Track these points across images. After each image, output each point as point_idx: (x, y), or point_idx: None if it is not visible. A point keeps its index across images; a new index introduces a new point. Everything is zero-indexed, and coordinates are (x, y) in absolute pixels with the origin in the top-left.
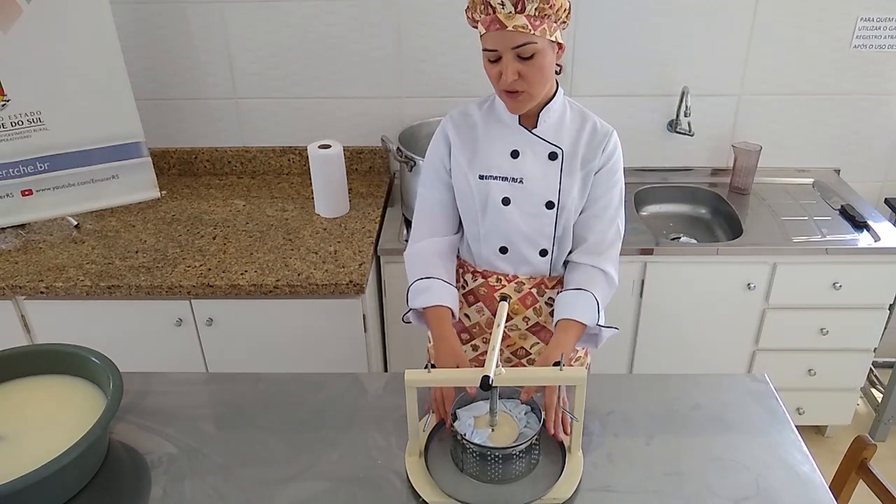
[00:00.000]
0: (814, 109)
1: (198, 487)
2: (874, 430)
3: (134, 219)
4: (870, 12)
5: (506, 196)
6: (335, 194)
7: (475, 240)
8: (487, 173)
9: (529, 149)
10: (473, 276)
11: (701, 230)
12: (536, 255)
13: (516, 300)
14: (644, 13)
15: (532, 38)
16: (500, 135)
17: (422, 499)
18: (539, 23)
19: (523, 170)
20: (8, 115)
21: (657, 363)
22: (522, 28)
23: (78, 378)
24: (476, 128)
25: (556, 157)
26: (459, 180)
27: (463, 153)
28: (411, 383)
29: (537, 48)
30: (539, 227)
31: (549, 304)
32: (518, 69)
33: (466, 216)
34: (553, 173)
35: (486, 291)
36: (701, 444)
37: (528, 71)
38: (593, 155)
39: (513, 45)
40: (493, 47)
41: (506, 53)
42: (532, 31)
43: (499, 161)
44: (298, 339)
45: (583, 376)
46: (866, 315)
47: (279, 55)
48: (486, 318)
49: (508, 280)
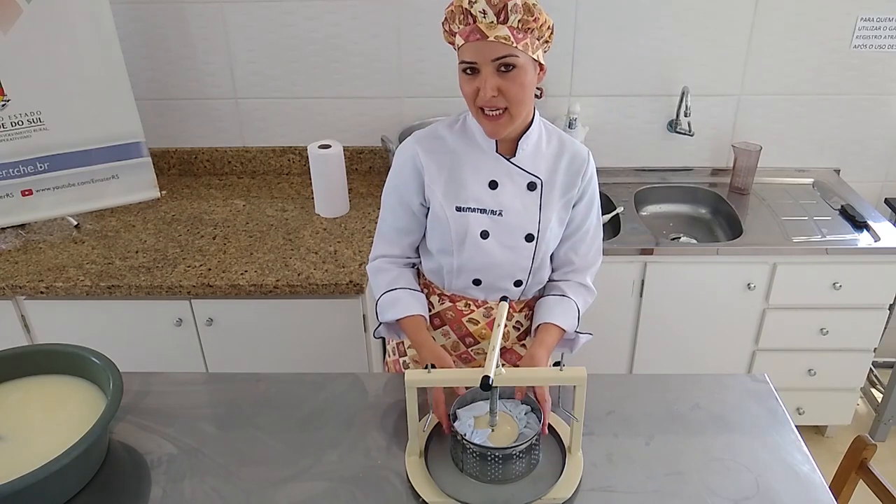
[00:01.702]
0: (814, 109)
1: (198, 487)
2: (874, 430)
3: (134, 219)
4: (870, 12)
5: (484, 229)
6: (335, 194)
7: (448, 270)
8: (465, 205)
9: (508, 179)
10: (440, 300)
11: (701, 230)
12: (511, 285)
13: (484, 324)
14: (644, 13)
15: (514, 50)
16: (478, 163)
17: (422, 499)
18: (522, 36)
19: (502, 201)
20: (8, 115)
21: (657, 363)
22: (504, 39)
23: (78, 378)
24: (450, 154)
25: (535, 188)
26: (434, 212)
27: (436, 182)
28: (411, 383)
29: (518, 62)
30: (517, 259)
31: (517, 328)
32: (498, 84)
33: (440, 248)
34: (532, 205)
35: (454, 315)
36: (701, 444)
37: (509, 87)
38: (573, 183)
39: (493, 56)
40: (472, 59)
41: (485, 66)
42: (514, 43)
43: (477, 192)
44: (298, 339)
45: (583, 376)
46: (866, 315)
47: (279, 55)
48: (452, 341)
49: (478, 305)
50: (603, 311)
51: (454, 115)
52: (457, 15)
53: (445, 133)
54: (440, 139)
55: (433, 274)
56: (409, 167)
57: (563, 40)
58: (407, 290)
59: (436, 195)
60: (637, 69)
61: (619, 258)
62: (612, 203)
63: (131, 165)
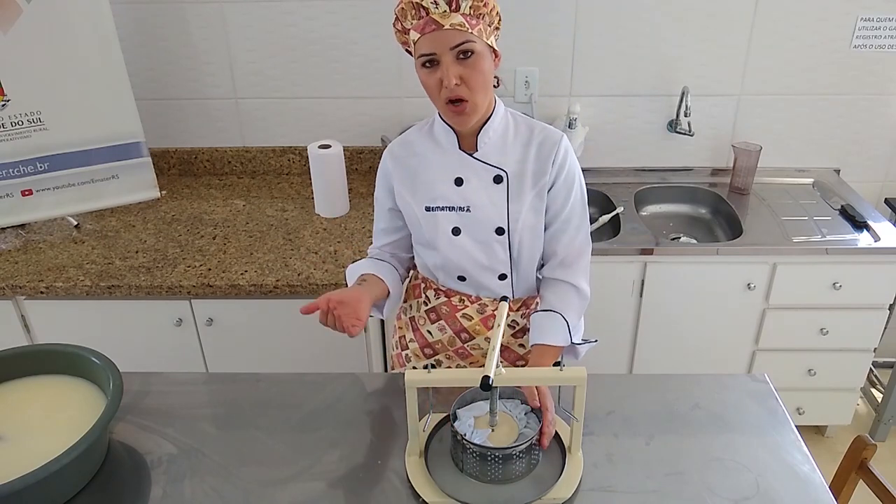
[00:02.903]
0: (814, 109)
1: (198, 487)
2: (874, 430)
3: (134, 219)
4: (870, 12)
5: (455, 226)
6: (335, 194)
7: (434, 266)
8: (433, 204)
9: (473, 175)
10: (436, 294)
11: (701, 230)
12: (495, 279)
13: (478, 320)
14: (644, 13)
15: (470, 36)
16: (442, 162)
17: (422, 499)
18: (475, 22)
19: (469, 197)
20: (8, 115)
21: (657, 363)
22: (460, 26)
23: (78, 378)
24: (416, 156)
25: (501, 181)
26: (408, 214)
27: (405, 186)
28: (411, 383)
29: (476, 48)
30: (492, 253)
31: (513, 327)
32: (459, 72)
33: (422, 247)
34: (500, 198)
35: (449, 310)
36: (701, 444)
37: (469, 74)
38: (543, 170)
39: (451, 44)
40: (431, 50)
41: (444, 55)
42: (469, 29)
43: (443, 190)
44: (298, 339)
45: (583, 376)
46: (866, 315)
47: (279, 55)
48: (449, 336)
49: (471, 301)
50: (603, 311)
51: (426, 119)
52: (408, 11)
53: (414, 137)
54: (409, 144)
55: (426, 270)
56: (381, 174)
57: (563, 40)
58: (370, 259)
59: (405, 198)
60: (637, 69)
61: (619, 258)
62: (612, 203)
63: (131, 165)
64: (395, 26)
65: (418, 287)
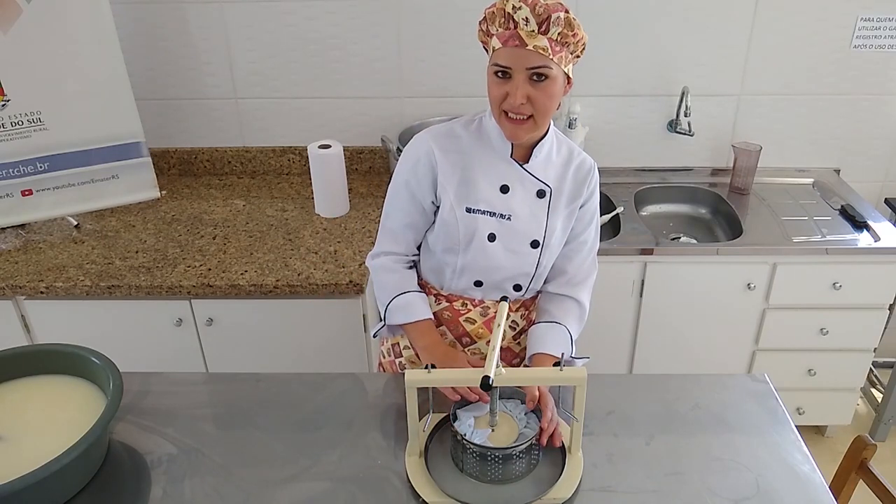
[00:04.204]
0: (814, 109)
1: (198, 487)
2: (874, 430)
3: (134, 219)
4: (870, 12)
5: (492, 232)
6: (335, 194)
7: (450, 269)
8: (476, 207)
9: (520, 184)
10: (437, 300)
11: (701, 230)
12: (510, 288)
13: (481, 323)
14: (644, 13)
15: (549, 62)
16: (491, 166)
17: (422, 499)
18: (559, 49)
19: (512, 206)
20: (8, 115)
21: (657, 363)
22: (542, 50)
23: (78, 378)
24: (464, 154)
25: (544, 195)
26: (444, 210)
27: (451, 181)
28: (411, 383)
29: (552, 73)
30: (521, 265)
31: (513, 328)
32: (528, 92)
33: (446, 247)
34: (541, 212)
35: (451, 315)
36: (701, 444)
37: (539, 96)
38: (579, 192)
39: (528, 65)
40: (508, 65)
41: (518, 74)
42: (551, 55)
43: (488, 195)
44: (298, 339)
45: (583, 376)
46: (866, 315)
47: (279, 55)
48: (449, 341)
49: (474, 304)
50: (603, 311)
51: (469, 114)
52: (497, 17)
53: (462, 132)
54: (456, 138)
55: (432, 273)
56: (423, 163)
57: None
58: (415, 293)
59: (447, 194)
60: (637, 69)
61: (619, 258)
62: (612, 203)
63: (131, 165)
64: (480, 26)
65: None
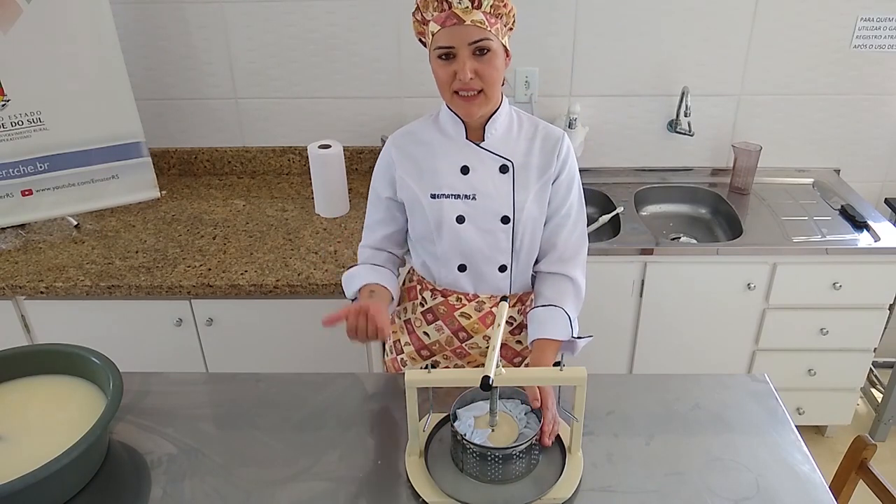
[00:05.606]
0: (814, 109)
1: (198, 487)
2: (874, 430)
3: (134, 219)
4: (870, 12)
5: (460, 214)
6: (335, 194)
7: (433, 259)
8: (439, 192)
9: (479, 163)
10: (433, 295)
11: (701, 230)
12: (495, 270)
13: (476, 318)
14: (644, 13)
15: (488, 34)
16: (448, 151)
17: (422, 499)
18: (494, 21)
19: (475, 185)
20: (8, 115)
21: (657, 363)
22: (479, 23)
23: (78, 378)
24: (421, 145)
25: (507, 171)
26: (411, 202)
27: (410, 174)
28: (411, 383)
29: (492, 45)
30: (495, 242)
31: (510, 324)
32: (474, 67)
33: (423, 237)
34: (505, 186)
35: (446, 310)
36: (701, 444)
37: (485, 69)
38: (548, 163)
39: (470, 40)
40: (449, 44)
41: (462, 50)
42: (488, 27)
43: (449, 178)
44: (298, 339)
45: (583, 376)
46: (866, 315)
47: (279, 55)
48: (446, 336)
49: (469, 299)
50: (603, 311)
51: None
52: (430, 2)
53: (418, 128)
54: (412, 134)
55: (422, 268)
56: (382, 164)
57: (563, 40)
58: (367, 265)
59: (409, 187)
60: (637, 69)
61: (619, 258)
62: (612, 203)
63: (131, 165)
64: (414, 16)
65: (414, 289)
